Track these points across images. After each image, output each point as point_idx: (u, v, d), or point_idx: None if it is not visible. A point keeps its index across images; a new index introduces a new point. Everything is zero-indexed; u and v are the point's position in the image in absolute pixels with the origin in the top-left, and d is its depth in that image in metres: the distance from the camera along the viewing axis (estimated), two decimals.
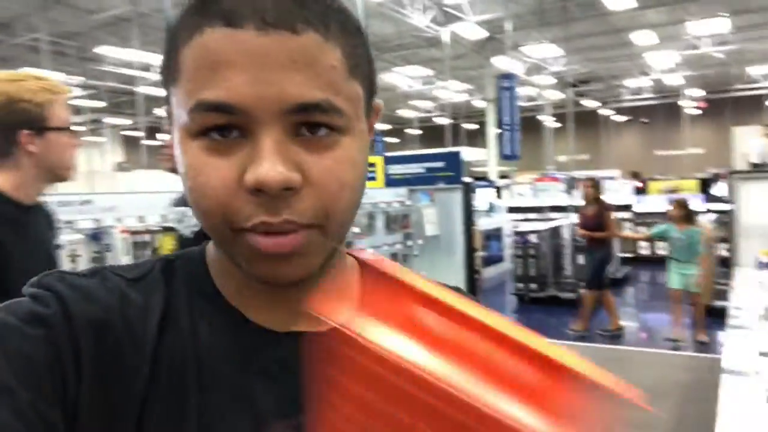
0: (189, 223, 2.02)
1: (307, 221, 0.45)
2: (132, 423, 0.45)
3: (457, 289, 0.59)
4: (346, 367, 0.35)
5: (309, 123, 0.45)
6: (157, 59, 14.16)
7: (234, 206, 0.45)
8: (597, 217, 6.18)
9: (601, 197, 6.34)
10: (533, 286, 8.10)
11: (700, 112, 23.60)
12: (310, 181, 0.45)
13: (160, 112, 20.97)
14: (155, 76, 15.03)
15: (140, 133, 16.62)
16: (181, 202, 2.16)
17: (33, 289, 0.47)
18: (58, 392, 0.43)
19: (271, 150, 0.43)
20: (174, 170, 2.21)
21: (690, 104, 22.81)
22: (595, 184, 6.34)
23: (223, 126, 0.44)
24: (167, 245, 2.95)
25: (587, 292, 6.44)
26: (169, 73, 0.48)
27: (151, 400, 0.46)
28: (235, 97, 0.43)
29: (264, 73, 0.43)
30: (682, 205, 5.99)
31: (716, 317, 5.89)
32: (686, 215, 5.89)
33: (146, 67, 14.29)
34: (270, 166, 0.43)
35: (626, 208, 11.37)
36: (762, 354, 2.58)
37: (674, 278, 5.90)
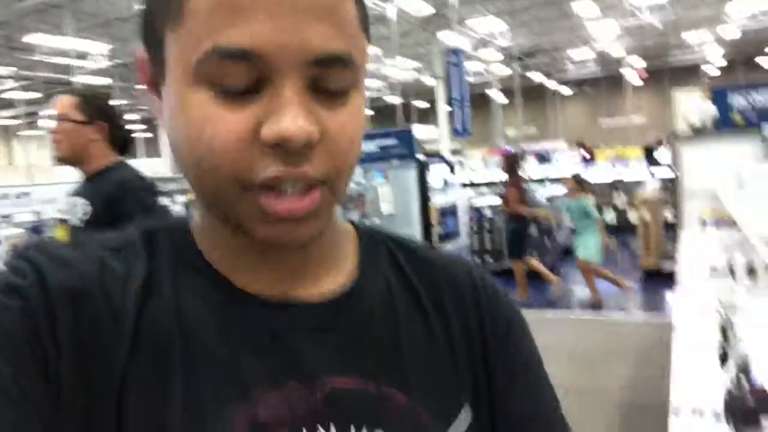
0: (77, 212, 2.04)
1: (320, 177, 0.43)
2: (113, 397, 0.43)
3: None
4: None
5: (325, 76, 0.42)
6: (94, 47, 13.61)
7: (247, 161, 0.42)
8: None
9: (518, 172, 6.46)
10: (489, 259, 8.22)
11: (641, 81, 24.28)
12: (326, 136, 0.43)
13: None
14: (92, 65, 14.42)
15: None
16: (75, 191, 2.14)
17: (12, 260, 0.45)
18: (39, 367, 0.41)
19: (293, 102, 0.41)
20: (67, 160, 2.11)
21: (632, 74, 23.43)
22: (508, 160, 6.50)
23: (237, 75, 0.41)
24: (61, 236, 2.88)
25: (513, 263, 6.66)
26: (166, 12, 0.43)
27: (133, 373, 0.44)
28: (258, 43, 0.40)
29: (288, 21, 0.40)
30: (574, 178, 6.38)
31: (666, 279, 6.14)
32: (579, 187, 6.27)
33: (82, 55, 13.68)
34: (293, 119, 0.41)
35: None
36: (708, 310, 2.68)
37: (580, 249, 6.15)
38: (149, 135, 22.44)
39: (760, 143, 4.53)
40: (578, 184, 6.29)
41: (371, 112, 27.19)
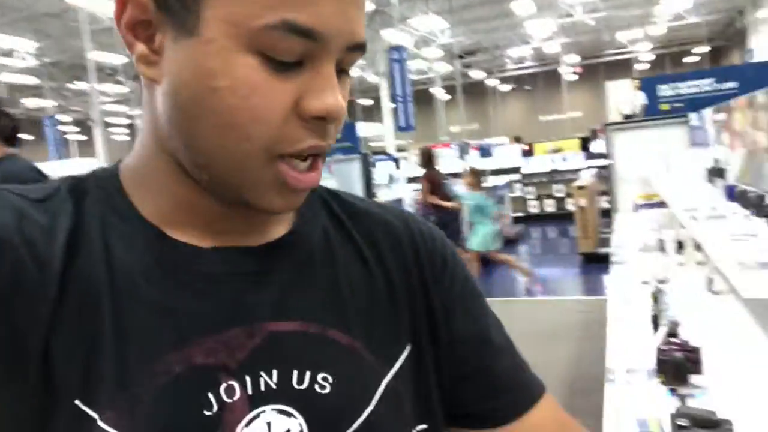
0: None
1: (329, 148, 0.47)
2: (39, 344, 0.42)
3: None
4: None
5: (348, 60, 0.46)
6: (20, 44, 12.96)
7: (285, 130, 0.44)
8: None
9: (434, 165, 6.53)
10: None
11: (576, 77, 25.10)
12: (342, 115, 0.46)
13: (29, 103, 19.29)
14: (19, 63, 13.75)
15: None
16: None
17: None
18: None
19: (333, 80, 0.44)
20: None
21: (568, 70, 24.19)
22: (424, 154, 6.59)
23: (294, 50, 0.42)
24: None
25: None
26: None
27: (61, 322, 0.43)
28: (324, 25, 0.42)
29: (347, 6, 0.43)
30: (473, 172, 6.51)
31: (603, 263, 6.40)
32: (477, 181, 6.38)
33: (8, 53, 13.02)
34: (336, 96, 0.44)
35: (515, 170, 11.97)
36: (642, 282, 2.82)
37: (472, 240, 6.23)
38: (83, 138, 21.57)
39: (686, 131, 4.78)
40: (475, 177, 6.37)
41: None
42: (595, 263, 7.12)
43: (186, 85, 0.44)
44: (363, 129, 15.88)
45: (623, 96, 5.95)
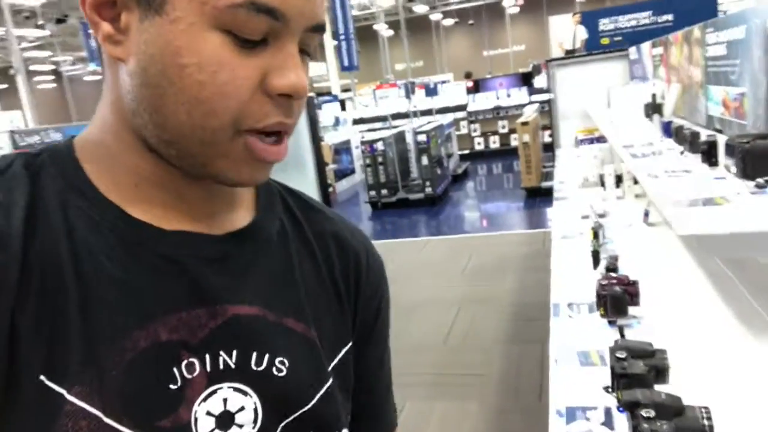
0: None
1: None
2: (3, 326, 0.42)
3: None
4: None
5: (310, 41, 0.48)
6: None
7: (251, 105, 0.45)
8: None
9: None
10: (384, 192, 8.37)
11: (518, 10, 24.96)
12: (305, 93, 0.48)
13: None
14: None
15: None
16: None
17: None
18: None
19: (297, 59, 0.46)
20: None
21: (510, 3, 23.99)
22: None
23: (258, 29, 0.44)
24: None
25: None
26: None
27: (25, 303, 0.43)
28: (287, 6, 0.44)
29: None
30: None
31: (546, 196, 6.58)
32: None
33: None
34: (300, 74, 0.46)
35: (462, 108, 11.98)
36: (583, 217, 2.92)
37: None
38: (4, 86, 20.18)
39: (626, 64, 4.86)
40: None
41: None
42: (539, 197, 7.33)
43: (154, 63, 0.44)
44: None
45: (565, 31, 5.97)
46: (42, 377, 0.43)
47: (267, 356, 0.51)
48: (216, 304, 0.50)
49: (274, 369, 0.51)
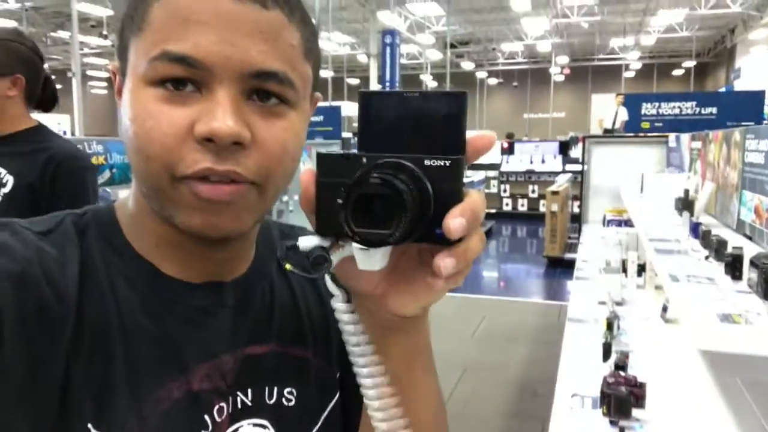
0: None
1: (250, 177, 0.48)
2: (59, 376, 0.45)
3: None
4: None
5: (263, 91, 0.48)
6: None
7: (180, 152, 0.47)
8: None
9: None
10: None
11: (564, 78, 25.22)
12: (257, 142, 0.48)
13: None
14: (0, 5, 13.23)
15: None
16: None
17: None
18: None
19: (226, 105, 0.46)
20: None
21: (556, 71, 24.28)
22: None
23: (180, 79, 0.47)
24: None
25: None
26: (133, 24, 0.49)
27: (77, 352, 0.47)
28: (201, 52, 0.46)
29: (232, 36, 0.46)
30: None
31: (567, 267, 6.49)
32: None
33: None
34: (224, 117, 0.46)
35: (495, 167, 11.99)
36: (600, 303, 2.87)
37: None
38: (58, 86, 20.95)
39: (664, 150, 4.84)
40: None
41: None
42: (560, 267, 7.24)
43: (122, 124, 0.50)
44: (348, 108, 15.75)
45: (606, 110, 5.99)
46: (90, 425, 0.46)
47: (276, 389, 0.56)
48: (236, 348, 0.55)
49: (283, 400, 0.57)
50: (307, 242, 0.43)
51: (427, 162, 0.40)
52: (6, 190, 1.60)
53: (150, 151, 0.47)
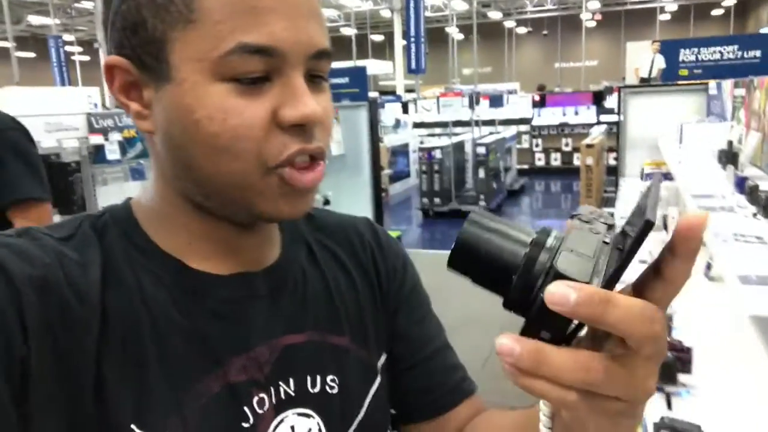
0: None
1: (323, 151, 0.50)
2: (90, 377, 0.46)
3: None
4: None
5: (317, 67, 0.50)
6: None
7: (269, 142, 0.47)
8: None
9: None
10: (437, 200, 8.32)
11: (595, 24, 24.30)
12: (321, 117, 0.49)
13: (33, 19, 18.77)
14: None
15: (8, 44, 14.73)
16: None
17: None
18: (1, 356, 0.42)
19: (305, 89, 0.48)
20: None
21: (587, 16, 23.39)
22: None
23: (259, 76, 0.46)
24: None
25: None
26: (169, 14, 0.46)
27: (108, 353, 0.47)
28: (277, 41, 0.46)
29: (298, 21, 0.47)
30: None
31: None
32: None
33: None
34: (308, 101, 0.47)
35: (526, 121, 11.73)
36: (641, 261, 2.81)
37: None
38: (86, 58, 21.15)
39: (704, 99, 4.64)
40: None
41: None
42: None
43: (174, 126, 0.48)
44: (373, 66, 15.50)
45: (642, 58, 5.75)
46: (133, 426, 0.46)
47: (319, 378, 0.56)
48: (272, 338, 0.54)
49: (327, 387, 0.57)
50: None
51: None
52: None
53: (239, 148, 0.47)
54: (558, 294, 0.29)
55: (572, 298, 0.29)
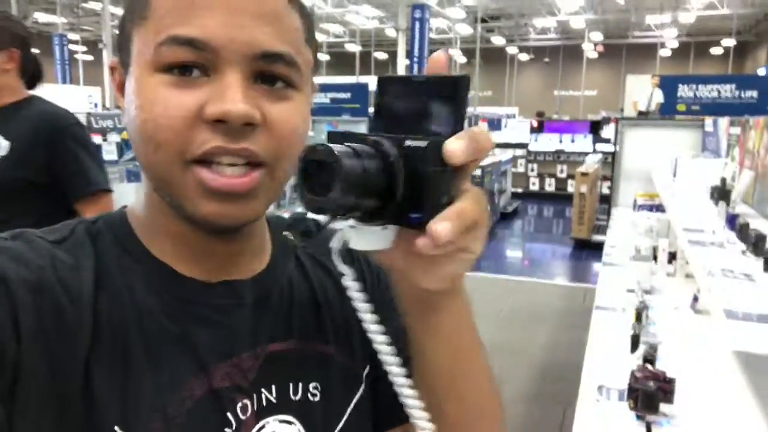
0: None
1: (261, 155, 0.48)
2: (78, 378, 0.46)
3: None
4: None
5: (269, 74, 0.49)
6: None
7: (190, 135, 0.47)
8: None
9: None
10: None
11: (597, 55, 24.61)
12: (267, 124, 0.48)
13: (39, 16, 18.85)
14: None
15: None
16: None
17: None
18: None
19: (236, 86, 0.47)
20: None
21: (590, 47, 23.69)
22: None
23: (188, 64, 0.47)
24: None
25: None
26: (134, 14, 0.50)
27: (97, 356, 0.47)
28: (208, 35, 0.46)
29: (237, 19, 0.47)
30: None
31: (594, 249, 6.41)
32: None
33: None
34: (234, 98, 0.46)
35: (523, 146, 11.82)
36: (628, 290, 2.82)
37: None
38: (90, 58, 21.20)
39: (699, 134, 4.70)
40: None
41: (327, 58, 26.60)
42: (587, 250, 7.15)
43: (126, 116, 0.50)
44: (375, 83, 15.59)
45: (641, 91, 5.83)
46: (117, 428, 0.47)
47: (301, 385, 0.56)
48: (257, 345, 0.55)
49: (309, 395, 0.57)
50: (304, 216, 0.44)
51: (407, 142, 0.40)
52: (3, 153, 1.76)
53: (160, 137, 0.47)
54: (451, 146, 0.40)
55: (465, 143, 0.40)
